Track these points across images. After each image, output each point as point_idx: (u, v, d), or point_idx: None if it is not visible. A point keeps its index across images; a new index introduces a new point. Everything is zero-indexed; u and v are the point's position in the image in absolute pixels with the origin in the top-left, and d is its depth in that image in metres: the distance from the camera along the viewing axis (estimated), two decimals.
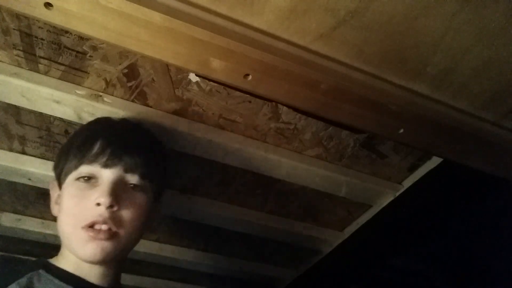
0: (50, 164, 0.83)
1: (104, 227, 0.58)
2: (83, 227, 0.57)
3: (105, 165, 0.60)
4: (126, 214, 0.60)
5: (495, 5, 0.51)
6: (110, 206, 0.58)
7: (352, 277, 1.38)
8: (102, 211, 0.57)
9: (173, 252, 1.15)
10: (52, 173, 0.81)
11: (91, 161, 0.60)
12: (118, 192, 0.59)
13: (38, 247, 1.10)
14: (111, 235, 0.58)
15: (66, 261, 0.62)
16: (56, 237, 1.02)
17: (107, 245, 0.58)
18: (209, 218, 0.99)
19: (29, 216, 1.00)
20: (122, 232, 0.59)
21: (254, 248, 1.17)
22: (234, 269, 1.24)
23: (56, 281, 0.58)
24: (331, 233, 1.09)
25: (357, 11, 0.52)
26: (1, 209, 0.99)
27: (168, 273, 1.29)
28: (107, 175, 0.60)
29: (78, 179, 0.60)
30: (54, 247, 1.05)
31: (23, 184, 0.88)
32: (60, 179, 0.64)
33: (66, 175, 0.62)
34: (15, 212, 0.99)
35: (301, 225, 1.06)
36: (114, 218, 0.58)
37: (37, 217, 1.00)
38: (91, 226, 0.57)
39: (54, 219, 0.79)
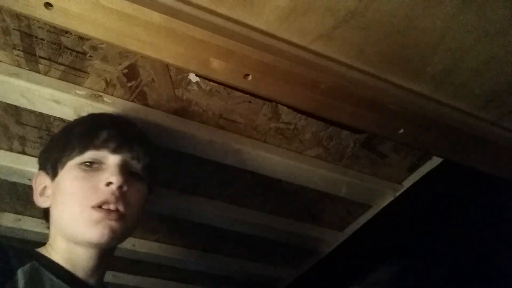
0: None
1: (112, 207, 0.59)
2: (93, 207, 0.58)
3: (114, 151, 0.62)
4: (132, 196, 0.62)
5: (495, 5, 0.51)
6: (121, 186, 0.60)
7: (352, 277, 1.38)
8: (113, 190, 0.59)
9: (173, 252, 1.15)
10: None
11: (98, 147, 0.62)
12: (126, 174, 0.62)
13: (38, 247, 1.10)
14: (119, 216, 0.59)
15: (56, 252, 0.62)
16: None
17: (116, 225, 0.59)
18: (209, 218, 0.99)
19: (29, 216, 1.00)
20: (128, 213, 0.61)
21: (254, 248, 1.17)
22: (234, 269, 1.24)
23: (54, 278, 0.57)
24: (331, 233, 1.09)
25: (357, 11, 0.52)
26: (1, 209, 0.99)
27: (168, 273, 1.29)
28: (115, 159, 0.62)
29: (81, 164, 0.61)
30: None
31: (23, 184, 0.88)
32: (55, 167, 0.63)
33: (66, 161, 0.62)
34: (15, 212, 0.99)
35: (301, 225, 1.06)
36: (123, 199, 0.60)
37: (37, 217, 1.00)
38: (100, 206, 0.59)
39: None
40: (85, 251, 0.61)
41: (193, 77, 0.70)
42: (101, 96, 0.71)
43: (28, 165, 0.82)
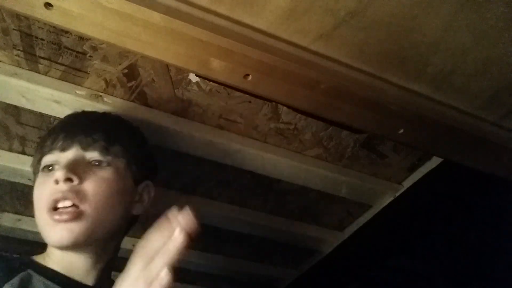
0: None
1: (67, 203, 0.56)
2: (48, 211, 0.56)
3: (62, 149, 0.60)
4: (89, 188, 0.58)
5: (495, 5, 0.51)
6: (68, 179, 0.57)
7: (352, 277, 1.38)
8: (61, 187, 0.56)
9: None
10: None
11: (50, 150, 0.61)
12: (77, 167, 0.58)
13: (38, 247, 1.09)
14: (76, 215, 0.56)
15: (50, 258, 0.61)
16: None
17: (73, 226, 0.56)
18: (209, 218, 0.99)
19: (29, 216, 1.00)
20: (87, 208, 0.57)
21: (254, 248, 1.17)
22: (234, 269, 1.24)
23: (48, 282, 0.57)
24: (331, 233, 1.09)
25: (357, 11, 0.52)
26: (1, 209, 0.99)
27: None
28: (64, 156, 0.60)
29: (42, 171, 0.61)
30: None
31: (23, 184, 0.88)
32: (34, 182, 0.65)
33: (35, 174, 0.63)
34: (15, 212, 0.99)
35: (301, 225, 1.06)
36: (76, 193, 0.57)
37: None
38: (55, 208, 0.56)
39: None
40: (73, 254, 0.60)
41: (193, 77, 0.70)
42: (101, 96, 0.71)
43: (28, 165, 0.81)
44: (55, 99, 0.69)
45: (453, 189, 0.96)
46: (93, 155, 0.61)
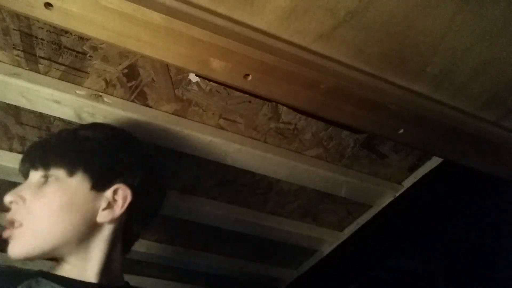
0: None
1: (16, 224, 0.60)
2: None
3: (24, 175, 0.66)
4: (32, 205, 0.61)
5: (495, 5, 0.51)
6: (13, 202, 0.61)
7: (352, 277, 1.38)
8: (12, 209, 0.62)
9: (173, 252, 1.15)
10: None
11: (23, 177, 0.66)
12: (25, 189, 0.62)
13: None
14: (16, 233, 0.60)
15: (62, 270, 0.64)
16: None
17: (15, 242, 0.60)
18: (209, 218, 0.99)
19: None
20: (26, 221, 0.60)
21: (254, 248, 1.17)
22: (234, 269, 1.24)
23: (54, 285, 0.59)
24: (331, 233, 1.09)
25: (357, 11, 0.52)
26: (1, 209, 0.99)
27: (168, 273, 1.29)
28: (27, 181, 0.65)
29: None
30: None
31: None
32: None
33: None
34: None
35: (301, 225, 1.06)
36: (22, 212, 0.60)
37: None
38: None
39: None
40: (60, 261, 0.64)
41: (193, 77, 0.70)
42: (101, 96, 0.71)
43: None
44: (55, 99, 0.69)
45: (453, 189, 0.96)
46: (40, 173, 0.63)
